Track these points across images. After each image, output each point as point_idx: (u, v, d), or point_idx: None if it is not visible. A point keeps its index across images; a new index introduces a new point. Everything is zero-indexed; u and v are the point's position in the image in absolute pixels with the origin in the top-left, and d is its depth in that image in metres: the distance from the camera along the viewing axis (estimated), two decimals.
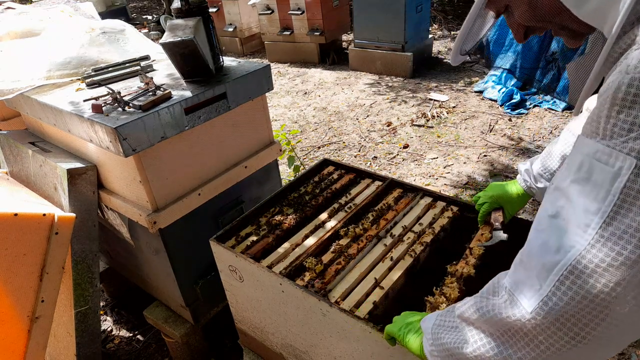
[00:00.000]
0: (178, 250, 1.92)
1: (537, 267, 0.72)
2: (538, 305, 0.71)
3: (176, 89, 1.79)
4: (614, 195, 0.64)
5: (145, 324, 2.59)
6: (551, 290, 0.69)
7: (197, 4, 1.79)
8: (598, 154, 0.66)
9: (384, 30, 5.85)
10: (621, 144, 0.63)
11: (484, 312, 0.82)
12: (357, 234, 1.63)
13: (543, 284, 0.71)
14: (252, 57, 7.74)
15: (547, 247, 0.72)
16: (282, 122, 5.16)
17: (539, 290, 0.71)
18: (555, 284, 0.69)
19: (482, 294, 0.86)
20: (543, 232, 0.74)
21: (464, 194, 3.57)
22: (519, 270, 0.78)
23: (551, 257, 0.70)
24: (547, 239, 0.72)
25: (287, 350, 1.68)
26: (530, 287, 0.73)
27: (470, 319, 0.86)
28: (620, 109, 0.63)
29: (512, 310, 0.75)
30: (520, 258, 0.79)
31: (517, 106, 4.82)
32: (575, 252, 0.67)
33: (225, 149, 1.99)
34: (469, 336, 0.85)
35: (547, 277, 0.70)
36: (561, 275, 0.68)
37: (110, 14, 9.30)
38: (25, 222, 1.66)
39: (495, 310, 0.79)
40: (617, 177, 0.63)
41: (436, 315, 0.98)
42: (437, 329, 0.94)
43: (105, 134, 1.57)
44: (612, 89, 0.64)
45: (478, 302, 0.85)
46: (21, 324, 1.74)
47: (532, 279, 0.73)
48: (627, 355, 2.21)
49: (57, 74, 1.99)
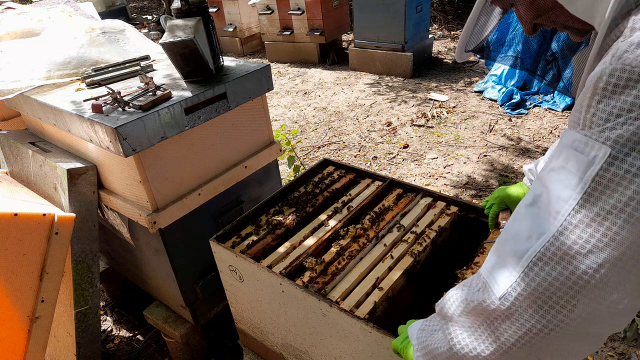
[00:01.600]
0: (178, 250, 1.92)
1: (509, 254, 0.73)
2: (507, 291, 0.71)
3: (176, 89, 1.79)
4: (585, 183, 0.64)
5: (145, 324, 2.59)
6: (520, 277, 0.70)
7: (197, 4, 1.79)
8: (575, 142, 0.67)
9: (384, 30, 5.85)
10: (598, 133, 0.63)
11: (460, 303, 0.82)
12: (357, 234, 1.63)
13: (513, 270, 0.71)
14: (252, 57, 7.74)
15: (519, 234, 0.72)
16: (282, 122, 5.16)
17: (509, 276, 0.71)
18: (524, 270, 0.69)
19: (459, 286, 0.87)
20: (518, 220, 0.75)
21: (464, 194, 3.57)
22: (493, 258, 0.78)
23: (522, 244, 0.71)
24: (520, 227, 0.73)
25: (287, 350, 1.68)
26: (501, 274, 0.73)
27: (447, 313, 0.86)
28: (600, 98, 0.63)
29: (484, 296, 0.75)
30: (496, 246, 0.79)
31: (517, 106, 4.82)
32: (544, 238, 0.68)
33: (225, 149, 1.99)
34: (447, 333, 0.84)
35: (517, 263, 0.70)
36: (530, 261, 0.69)
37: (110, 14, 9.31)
38: (25, 222, 1.66)
39: (469, 298, 0.79)
40: (591, 165, 0.64)
41: (421, 322, 0.98)
42: (421, 334, 0.94)
43: (105, 134, 1.57)
44: (594, 79, 0.64)
45: (454, 293, 0.85)
46: (21, 324, 1.74)
47: (504, 265, 0.73)
48: (627, 355, 2.21)
49: (57, 74, 1.99)
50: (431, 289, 1.44)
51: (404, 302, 1.51)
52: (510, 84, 5.07)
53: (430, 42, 6.45)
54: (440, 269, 1.62)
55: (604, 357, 2.21)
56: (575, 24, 0.81)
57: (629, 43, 0.62)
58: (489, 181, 3.70)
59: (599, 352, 2.24)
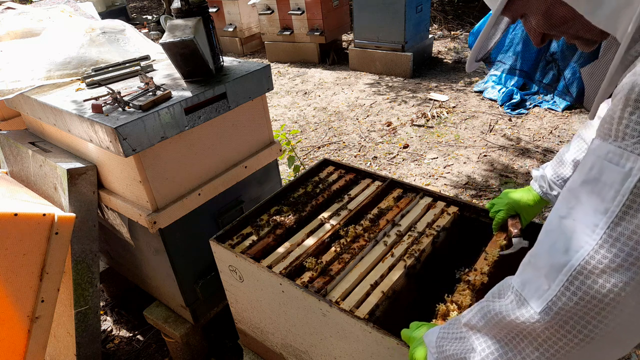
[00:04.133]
0: (178, 250, 1.92)
1: (546, 267, 0.72)
2: (547, 305, 0.71)
3: (176, 89, 1.79)
4: (623, 196, 0.64)
5: (145, 324, 2.59)
6: (560, 291, 0.69)
7: (197, 4, 1.79)
8: (609, 155, 0.66)
9: (384, 30, 5.85)
10: (632, 145, 0.63)
11: (492, 316, 0.81)
12: (357, 234, 1.63)
13: (552, 284, 0.71)
14: (252, 57, 7.74)
15: (555, 247, 0.72)
16: (282, 122, 5.16)
17: (547, 290, 0.71)
18: (564, 284, 0.69)
19: (487, 298, 0.86)
20: (552, 232, 0.74)
21: (464, 194, 3.57)
22: (527, 271, 0.78)
23: (560, 257, 0.70)
24: (556, 240, 0.72)
25: (287, 350, 1.68)
26: (538, 288, 0.73)
27: (477, 325, 0.85)
28: (633, 110, 0.63)
29: (520, 310, 0.75)
30: (529, 259, 0.79)
31: (517, 106, 4.82)
32: (583, 252, 0.67)
33: (225, 149, 1.99)
34: (477, 344, 0.84)
35: (556, 277, 0.70)
36: (570, 275, 0.68)
37: (110, 14, 9.31)
38: (25, 222, 1.66)
39: (503, 312, 0.78)
40: (627, 177, 0.63)
41: (439, 328, 0.98)
42: (442, 342, 0.93)
43: (105, 134, 1.57)
44: (626, 91, 0.64)
45: (484, 306, 0.84)
46: (21, 324, 1.74)
47: (541, 279, 0.73)
48: (627, 355, 2.21)
49: (57, 74, 1.99)
50: (431, 289, 1.44)
51: (404, 302, 1.51)
52: (510, 84, 5.07)
53: (430, 42, 6.46)
54: (440, 269, 1.62)
55: None
56: (588, 34, 0.80)
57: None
58: (489, 181, 3.70)
59: None
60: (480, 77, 5.69)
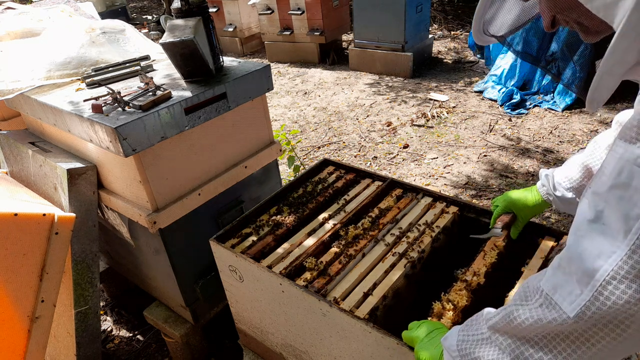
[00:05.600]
0: (178, 250, 1.92)
1: (578, 272, 0.73)
2: (580, 310, 0.71)
3: (176, 89, 1.79)
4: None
5: (145, 324, 2.58)
6: (593, 296, 0.70)
7: (197, 4, 1.79)
8: (639, 160, 0.66)
9: (384, 30, 5.85)
10: None
11: (522, 320, 0.81)
12: (357, 234, 1.63)
13: (584, 289, 0.71)
14: (252, 57, 7.74)
15: (587, 252, 0.72)
16: (282, 122, 5.16)
17: (580, 295, 0.71)
18: (597, 289, 0.69)
19: (514, 302, 0.86)
20: (583, 237, 0.74)
21: (464, 194, 3.57)
22: (558, 275, 0.78)
23: (592, 262, 0.70)
24: (588, 245, 0.72)
25: (287, 350, 1.68)
26: (570, 292, 0.73)
27: (505, 328, 0.85)
28: None
29: (551, 314, 0.76)
30: (559, 262, 0.79)
31: (517, 106, 4.82)
32: (616, 257, 0.67)
33: (225, 149, 1.99)
34: (506, 345, 0.84)
35: (589, 282, 0.70)
36: (603, 280, 0.69)
37: (110, 14, 9.30)
38: (25, 222, 1.66)
39: (534, 316, 0.79)
40: None
41: (457, 331, 0.98)
42: (464, 345, 0.93)
43: (105, 134, 1.57)
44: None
45: (513, 310, 0.84)
46: (21, 324, 1.74)
47: (573, 284, 0.73)
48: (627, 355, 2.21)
49: (57, 74, 1.99)
50: (431, 289, 1.44)
51: (404, 302, 1.51)
52: (510, 84, 5.07)
53: (430, 42, 6.45)
54: (440, 269, 1.62)
55: None
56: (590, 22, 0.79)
57: None
58: (489, 181, 3.70)
59: None
60: (480, 77, 5.69)
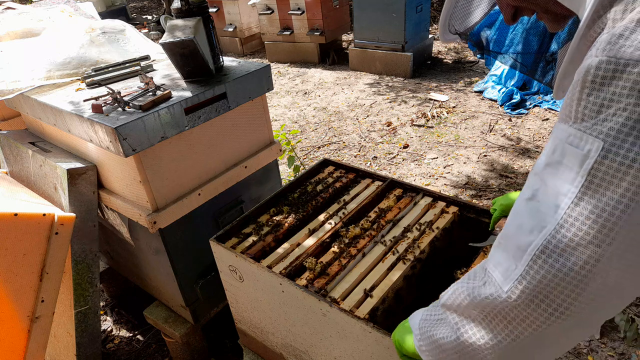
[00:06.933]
0: (178, 250, 1.92)
1: (513, 248, 0.75)
2: (513, 284, 0.73)
3: (176, 89, 1.79)
4: (582, 177, 0.66)
5: (145, 324, 2.59)
6: (525, 270, 0.72)
7: (197, 4, 1.79)
8: (570, 137, 0.68)
9: (384, 30, 5.85)
10: (591, 127, 0.65)
11: (465, 296, 0.84)
12: (357, 234, 1.63)
13: (518, 263, 0.73)
14: (252, 57, 7.74)
15: (522, 228, 0.74)
16: (282, 122, 5.16)
17: (515, 270, 0.74)
18: (528, 263, 0.71)
19: (462, 280, 0.88)
20: (519, 214, 0.76)
21: (464, 194, 3.57)
22: (497, 253, 0.80)
23: (525, 237, 0.73)
24: (522, 221, 0.75)
25: (287, 350, 1.68)
26: (506, 268, 0.76)
27: (452, 305, 0.88)
28: (590, 91, 0.64)
29: (489, 289, 0.78)
30: (499, 241, 0.81)
31: (517, 106, 4.82)
32: (546, 232, 0.70)
33: (225, 149, 1.99)
34: (453, 324, 0.87)
35: (522, 257, 0.73)
36: (534, 254, 0.71)
37: (110, 14, 9.30)
38: (25, 222, 1.66)
39: (475, 292, 0.81)
40: (586, 159, 0.65)
41: (423, 311, 1.00)
42: (424, 324, 0.96)
43: (105, 134, 1.57)
44: (582, 73, 0.65)
45: (459, 287, 0.87)
46: (21, 324, 1.74)
47: (509, 259, 0.75)
48: (627, 355, 2.21)
49: (57, 74, 1.99)
50: (431, 289, 1.44)
51: (404, 302, 1.51)
52: (510, 84, 5.07)
53: (430, 42, 6.45)
54: (440, 268, 1.62)
55: (604, 357, 2.21)
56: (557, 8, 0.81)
57: (612, 34, 0.62)
58: (489, 181, 3.70)
59: (599, 352, 2.24)
60: (480, 77, 5.69)
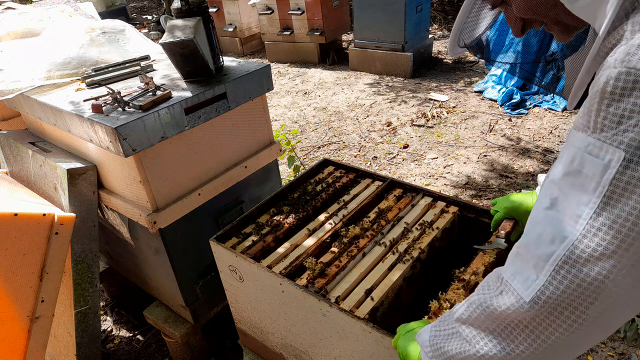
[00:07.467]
0: (178, 250, 1.92)
1: (534, 258, 0.75)
2: (535, 295, 0.73)
3: (176, 89, 1.79)
4: (604, 187, 0.66)
5: (145, 324, 2.59)
6: (547, 280, 0.72)
7: (197, 4, 1.79)
8: (589, 147, 0.68)
9: (384, 30, 5.85)
10: (611, 137, 0.65)
11: (483, 309, 0.82)
12: (357, 234, 1.63)
13: (539, 274, 0.73)
14: (252, 57, 7.74)
15: (542, 238, 0.74)
16: (282, 122, 5.16)
17: (536, 280, 0.73)
18: (551, 273, 0.71)
19: (477, 292, 0.87)
20: (538, 224, 0.76)
21: (464, 194, 3.57)
22: (516, 262, 0.80)
23: (546, 248, 0.73)
24: (542, 231, 0.74)
25: (287, 350, 1.68)
26: (527, 278, 0.75)
27: (469, 319, 0.86)
28: (610, 102, 0.64)
29: (508, 299, 0.77)
30: (517, 250, 0.81)
31: (517, 106, 4.82)
32: (568, 242, 0.70)
33: (225, 149, 1.99)
34: (470, 337, 0.85)
35: (543, 267, 0.72)
36: (556, 265, 0.71)
37: (110, 14, 9.30)
38: (25, 222, 1.66)
39: (491, 302, 0.80)
40: (607, 169, 0.65)
41: (431, 327, 0.98)
42: (435, 340, 0.94)
43: (105, 134, 1.57)
44: (601, 83, 0.65)
45: (475, 300, 0.86)
46: (21, 324, 1.74)
47: (529, 269, 0.75)
48: (627, 355, 2.21)
49: (57, 74, 1.99)
50: (431, 289, 1.44)
51: (404, 302, 1.51)
52: (510, 84, 5.07)
53: (430, 42, 6.45)
54: (440, 268, 1.62)
55: (604, 357, 2.21)
56: (569, 20, 0.81)
57: (631, 45, 0.63)
58: (489, 181, 3.70)
59: (599, 352, 2.24)
60: (480, 77, 5.69)
